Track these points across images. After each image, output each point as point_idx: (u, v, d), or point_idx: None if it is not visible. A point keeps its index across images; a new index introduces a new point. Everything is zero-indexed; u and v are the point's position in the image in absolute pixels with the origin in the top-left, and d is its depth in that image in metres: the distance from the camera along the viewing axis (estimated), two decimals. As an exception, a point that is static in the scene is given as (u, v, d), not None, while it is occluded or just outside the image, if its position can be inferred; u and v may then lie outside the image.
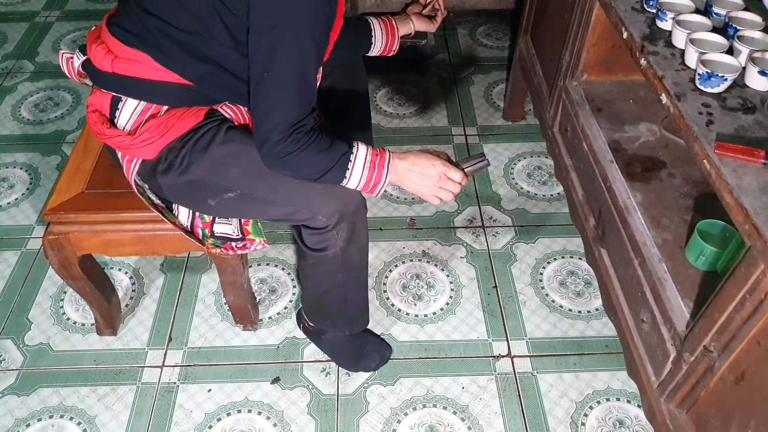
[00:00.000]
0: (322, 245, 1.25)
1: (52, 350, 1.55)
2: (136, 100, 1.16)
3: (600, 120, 1.46)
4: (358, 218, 1.24)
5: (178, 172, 1.18)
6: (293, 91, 1.06)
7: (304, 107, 1.09)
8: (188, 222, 1.29)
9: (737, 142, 0.93)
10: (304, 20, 1.01)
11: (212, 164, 1.17)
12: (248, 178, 1.18)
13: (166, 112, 1.17)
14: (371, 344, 1.53)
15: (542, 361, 1.54)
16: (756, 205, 0.85)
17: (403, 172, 1.18)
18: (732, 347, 0.93)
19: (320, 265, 1.30)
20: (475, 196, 1.94)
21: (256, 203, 1.22)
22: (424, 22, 1.52)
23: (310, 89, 1.10)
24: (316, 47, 1.06)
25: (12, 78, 2.36)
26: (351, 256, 1.28)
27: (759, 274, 0.84)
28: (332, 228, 1.21)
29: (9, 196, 1.92)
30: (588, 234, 1.46)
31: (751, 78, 1.02)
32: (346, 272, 1.31)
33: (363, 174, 1.15)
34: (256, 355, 1.55)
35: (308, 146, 1.09)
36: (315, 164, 1.12)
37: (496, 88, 2.34)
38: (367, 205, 1.27)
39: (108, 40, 1.14)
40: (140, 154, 1.18)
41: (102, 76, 1.16)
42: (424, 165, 1.18)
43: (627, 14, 1.22)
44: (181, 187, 1.21)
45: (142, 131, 1.15)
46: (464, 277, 1.72)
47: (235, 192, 1.19)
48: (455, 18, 2.63)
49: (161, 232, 1.32)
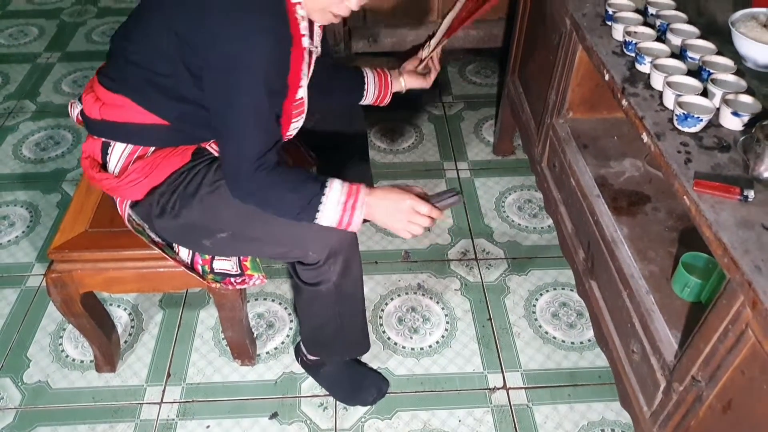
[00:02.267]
0: (317, 280, 1.28)
1: (51, 388, 1.56)
2: (123, 144, 1.21)
3: (586, 156, 1.52)
4: (350, 253, 1.27)
5: (171, 215, 1.23)
6: (251, 128, 1.11)
7: (266, 141, 1.12)
8: (188, 259, 1.32)
9: (714, 179, 0.98)
10: (252, 61, 1.05)
11: (203, 207, 1.22)
12: (239, 219, 1.22)
13: (153, 153, 1.22)
14: (369, 378, 1.55)
15: (537, 393, 1.56)
16: (733, 240, 0.89)
17: (374, 208, 1.20)
18: (718, 377, 0.96)
19: (316, 299, 1.33)
20: (467, 229, 1.98)
21: (249, 243, 1.26)
22: (417, 80, 1.57)
23: (269, 125, 1.14)
24: (266, 85, 1.08)
25: (14, 117, 2.41)
26: (345, 289, 1.31)
27: (739, 305, 0.88)
28: (324, 263, 1.25)
29: (9, 234, 1.95)
30: (578, 266, 1.50)
31: (725, 118, 1.07)
32: (342, 304, 1.34)
33: (335, 213, 1.17)
34: (254, 391, 1.56)
35: (277, 183, 1.13)
36: (286, 202, 1.15)
37: (486, 124, 2.41)
38: (358, 239, 1.31)
39: (97, 89, 1.21)
40: (128, 195, 1.23)
41: (93, 123, 1.22)
42: (393, 199, 1.20)
43: (608, 57, 1.29)
44: (176, 230, 1.26)
45: (129, 172, 1.21)
46: (459, 309, 1.75)
47: (228, 233, 1.23)
48: (445, 57, 2.71)
49: (163, 270, 1.35)
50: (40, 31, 2.93)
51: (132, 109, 1.17)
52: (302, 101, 1.23)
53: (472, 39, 2.48)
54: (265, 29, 1.05)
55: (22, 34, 2.91)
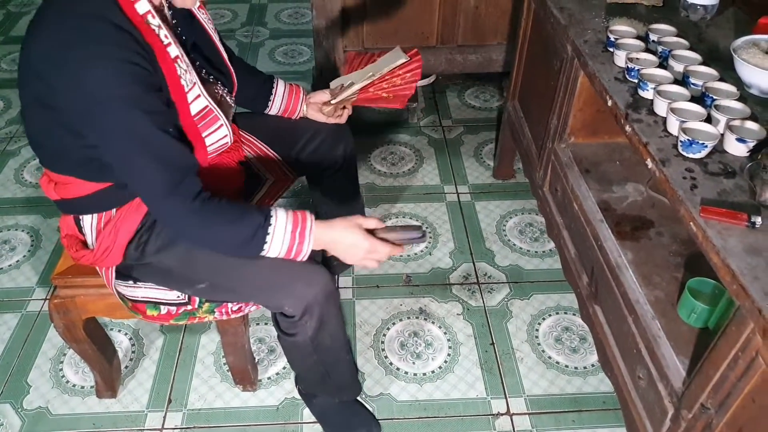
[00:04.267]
0: (293, 331, 1.25)
1: (51, 414, 1.54)
2: (89, 215, 1.19)
3: (589, 181, 1.52)
4: (327, 307, 1.23)
5: (153, 262, 1.22)
6: (144, 160, 1.03)
7: (174, 172, 1.05)
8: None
9: (720, 205, 0.99)
10: (106, 92, 0.98)
11: (179, 256, 1.21)
12: (213, 269, 1.20)
13: (116, 213, 1.19)
14: (360, 418, 1.52)
15: (541, 419, 1.55)
16: (742, 266, 0.89)
17: (330, 244, 1.17)
18: (728, 404, 0.95)
19: (294, 349, 1.32)
20: (469, 252, 1.98)
21: (227, 293, 1.26)
22: (318, 115, 1.52)
23: (165, 150, 1.04)
24: (138, 108, 1.00)
25: (15, 142, 2.42)
26: (322, 341, 1.28)
27: (749, 332, 0.88)
28: (300, 318, 1.21)
29: (10, 259, 1.94)
30: (582, 291, 1.50)
31: (730, 145, 1.08)
32: (321, 354, 1.31)
33: (284, 243, 1.13)
34: (256, 417, 1.55)
35: (212, 220, 1.08)
36: (226, 237, 1.10)
37: (486, 148, 2.42)
38: (339, 292, 1.28)
39: (46, 171, 1.19)
40: (108, 263, 1.22)
41: (56, 203, 1.21)
42: (350, 242, 1.16)
43: (610, 84, 1.30)
44: (156, 277, 1.25)
45: (99, 243, 1.19)
46: (461, 334, 1.74)
47: (205, 283, 1.23)
48: (445, 81, 2.74)
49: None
50: (42, 55, 2.95)
51: (77, 182, 1.14)
52: (208, 110, 1.14)
53: (471, 64, 2.50)
54: (105, 55, 0.96)
55: (24, 58, 2.93)
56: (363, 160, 2.33)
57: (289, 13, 3.40)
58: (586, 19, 1.52)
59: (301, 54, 3.04)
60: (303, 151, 1.53)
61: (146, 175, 1.04)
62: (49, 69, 0.99)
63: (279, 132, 1.50)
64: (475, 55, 2.45)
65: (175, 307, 1.30)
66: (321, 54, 2.36)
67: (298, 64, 2.96)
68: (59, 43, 0.97)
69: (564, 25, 1.51)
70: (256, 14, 3.37)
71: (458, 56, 2.46)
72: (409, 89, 1.42)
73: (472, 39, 2.45)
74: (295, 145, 1.52)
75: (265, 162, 1.49)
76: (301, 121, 1.54)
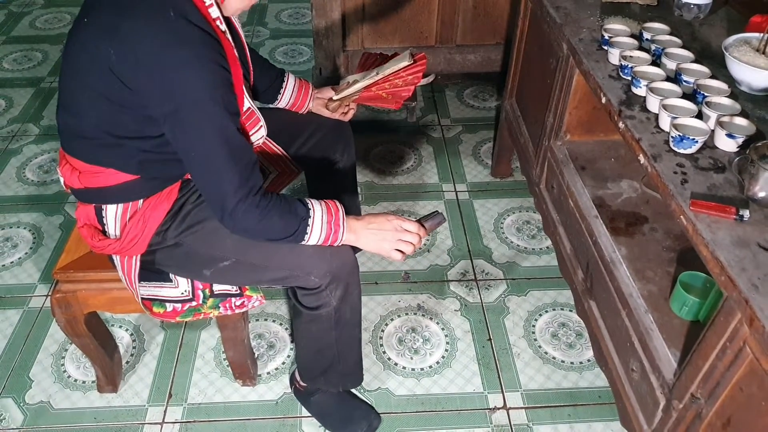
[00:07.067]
0: (317, 304, 1.29)
1: (53, 408, 1.56)
2: (114, 205, 1.21)
3: (584, 178, 1.54)
4: (351, 278, 1.29)
5: (172, 244, 1.24)
6: (224, 159, 1.08)
7: (244, 169, 1.11)
8: (188, 285, 1.33)
9: (710, 199, 1.01)
10: (200, 93, 1.03)
11: (205, 236, 1.23)
12: (241, 246, 1.23)
13: (143, 204, 1.22)
14: (360, 411, 1.53)
15: (537, 413, 1.56)
16: (730, 258, 0.91)
17: (361, 232, 1.24)
18: (717, 394, 0.97)
19: (314, 323, 1.34)
20: (467, 250, 2.00)
21: (251, 270, 1.27)
22: (323, 109, 1.56)
23: (241, 150, 1.11)
24: (225, 109, 1.06)
25: (17, 141, 2.44)
26: (343, 314, 1.33)
27: (736, 322, 0.90)
28: (325, 287, 1.26)
29: (12, 255, 1.96)
30: (577, 286, 1.51)
31: (720, 140, 1.10)
32: (339, 329, 1.35)
33: (321, 233, 1.21)
34: (256, 411, 1.56)
35: (269, 213, 1.14)
36: (278, 229, 1.17)
37: (484, 147, 2.44)
38: (359, 263, 1.32)
39: (70, 160, 1.20)
40: (133, 252, 1.24)
41: (78, 192, 1.23)
42: (379, 221, 1.25)
43: (605, 81, 1.32)
44: (177, 260, 1.27)
45: (126, 233, 1.21)
46: (459, 330, 1.76)
47: (230, 260, 1.25)
48: (443, 81, 2.76)
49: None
50: (44, 56, 2.98)
51: (107, 172, 1.16)
52: (251, 111, 1.21)
53: (470, 64, 2.53)
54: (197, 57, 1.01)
55: (26, 59, 2.95)
56: (362, 158, 2.35)
57: (289, 13, 3.42)
58: (581, 17, 1.54)
59: (301, 54, 3.06)
60: (304, 146, 1.55)
61: (224, 173, 1.09)
62: (134, 68, 1.01)
63: (281, 126, 1.53)
64: (474, 55, 2.48)
65: (180, 304, 1.33)
66: (321, 54, 2.38)
67: (298, 64, 2.99)
68: (148, 43, 0.99)
69: (560, 23, 1.53)
70: (256, 14, 3.39)
71: (457, 56, 2.49)
72: (407, 91, 1.45)
73: (470, 39, 2.47)
74: (297, 139, 1.54)
75: (269, 155, 1.51)
76: (304, 116, 1.57)
